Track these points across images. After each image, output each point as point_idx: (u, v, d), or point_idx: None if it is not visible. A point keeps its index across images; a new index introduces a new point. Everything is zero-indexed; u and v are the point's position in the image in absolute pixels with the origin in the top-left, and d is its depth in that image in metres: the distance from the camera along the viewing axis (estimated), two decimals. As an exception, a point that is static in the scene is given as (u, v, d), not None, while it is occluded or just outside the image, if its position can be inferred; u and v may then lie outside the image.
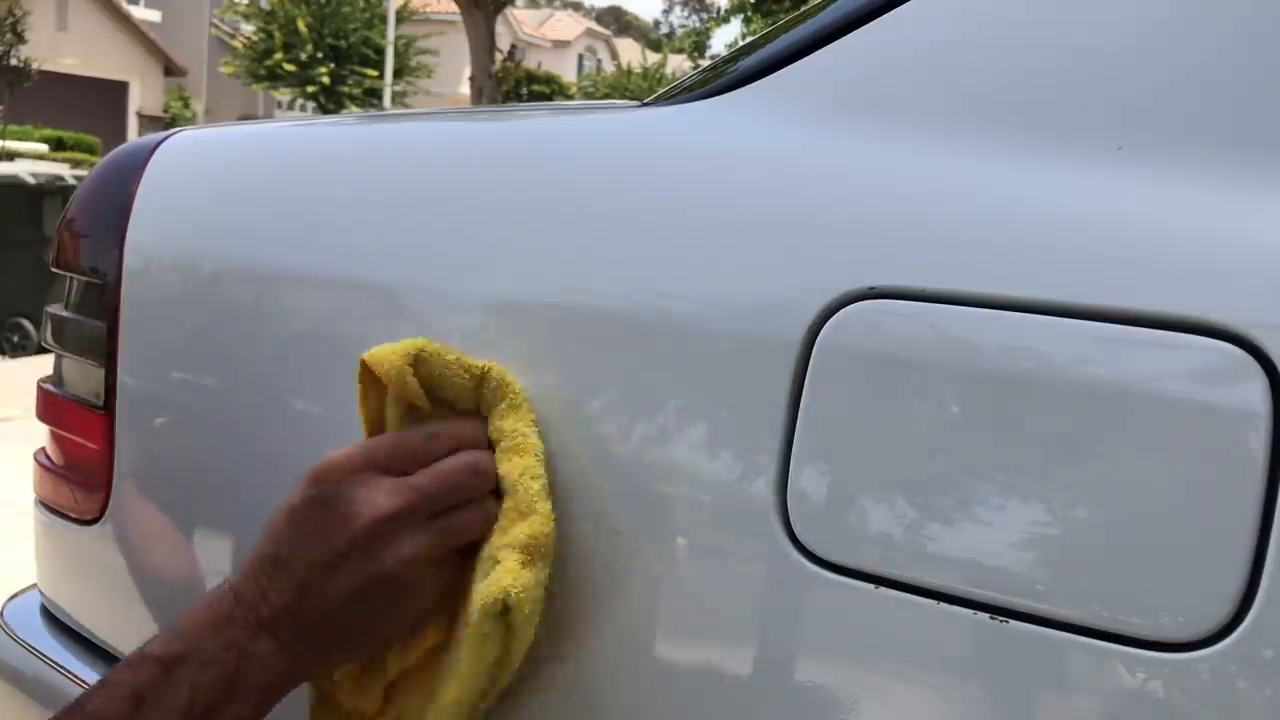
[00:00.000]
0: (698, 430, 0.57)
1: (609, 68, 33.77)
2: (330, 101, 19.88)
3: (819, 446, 0.53)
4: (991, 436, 0.49)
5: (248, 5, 20.81)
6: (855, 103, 0.61)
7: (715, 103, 0.65)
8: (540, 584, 0.57)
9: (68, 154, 14.50)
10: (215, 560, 0.79)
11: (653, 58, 29.68)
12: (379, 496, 0.57)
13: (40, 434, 0.93)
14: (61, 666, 0.87)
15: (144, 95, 22.30)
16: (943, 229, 0.53)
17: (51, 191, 7.60)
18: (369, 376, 0.62)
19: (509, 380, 0.61)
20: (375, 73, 19.74)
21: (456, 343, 0.65)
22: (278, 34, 19.73)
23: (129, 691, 0.54)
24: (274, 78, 19.96)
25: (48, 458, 0.92)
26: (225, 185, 0.83)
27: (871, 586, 0.51)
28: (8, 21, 14.34)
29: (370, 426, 0.64)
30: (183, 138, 0.86)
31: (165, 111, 22.24)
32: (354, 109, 19.32)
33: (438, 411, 0.62)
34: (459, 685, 0.58)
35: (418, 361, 0.60)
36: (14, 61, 14.25)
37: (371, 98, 20.02)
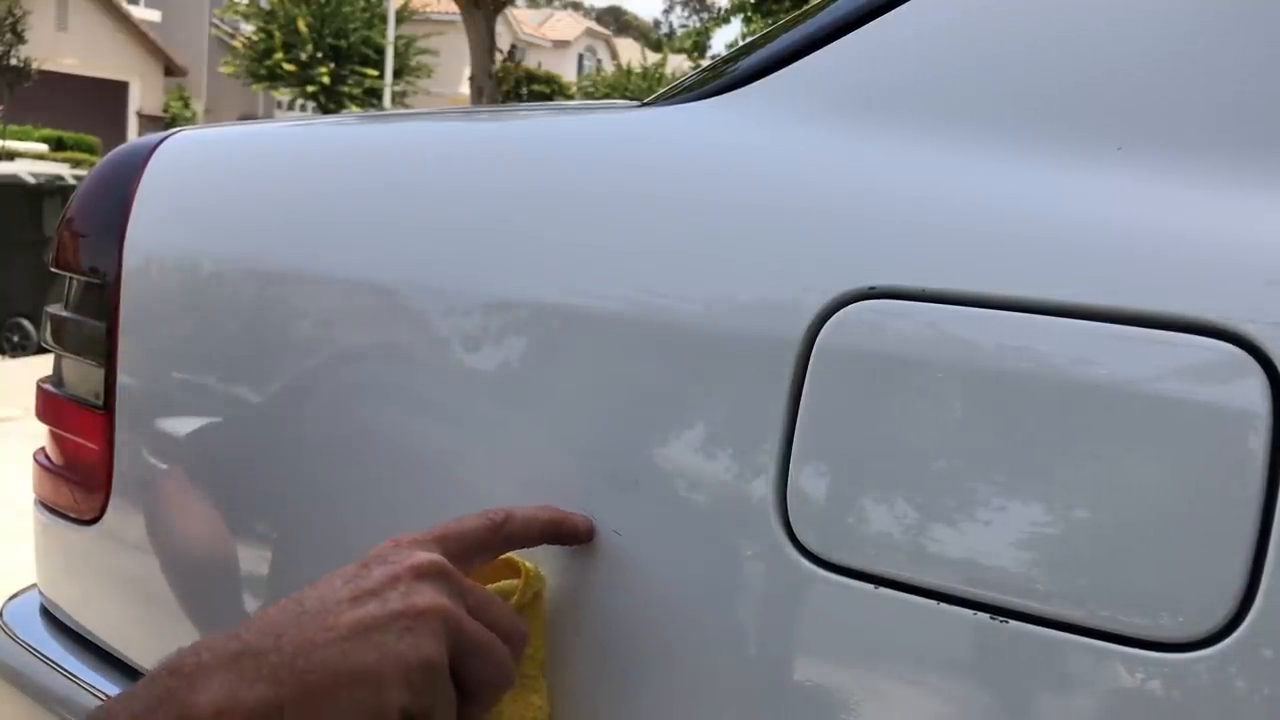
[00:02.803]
0: (698, 430, 0.57)
1: (609, 68, 33.76)
2: (330, 101, 19.88)
3: (819, 446, 0.53)
4: (991, 436, 0.49)
5: (248, 5, 20.81)
6: (855, 103, 0.61)
7: (715, 103, 0.65)
8: None
9: (68, 154, 14.50)
10: (215, 560, 0.79)
11: (653, 58, 29.68)
12: (427, 556, 0.53)
13: (40, 434, 0.93)
14: (61, 667, 0.87)
15: (144, 95, 22.30)
16: (942, 229, 0.53)
17: (51, 191, 7.59)
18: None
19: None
20: (375, 73, 19.74)
21: (456, 343, 0.65)
22: (278, 34, 19.73)
23: None
24: (274, 78, 19.96)
25: (47, 458, 0.92)
26: (225, 185, 0.83)
27: (871, 586, 0.51)
28: (8, 21, 14.34)
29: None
30: (183, 138, 0.86)
31: (165, 111, 22.24)
32: (354, 109, 19.31)
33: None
34: None
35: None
36: (14, 61, 14.25)
37: (371, 98, 20.02)
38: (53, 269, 0.90)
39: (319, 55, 19.79)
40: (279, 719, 0.45)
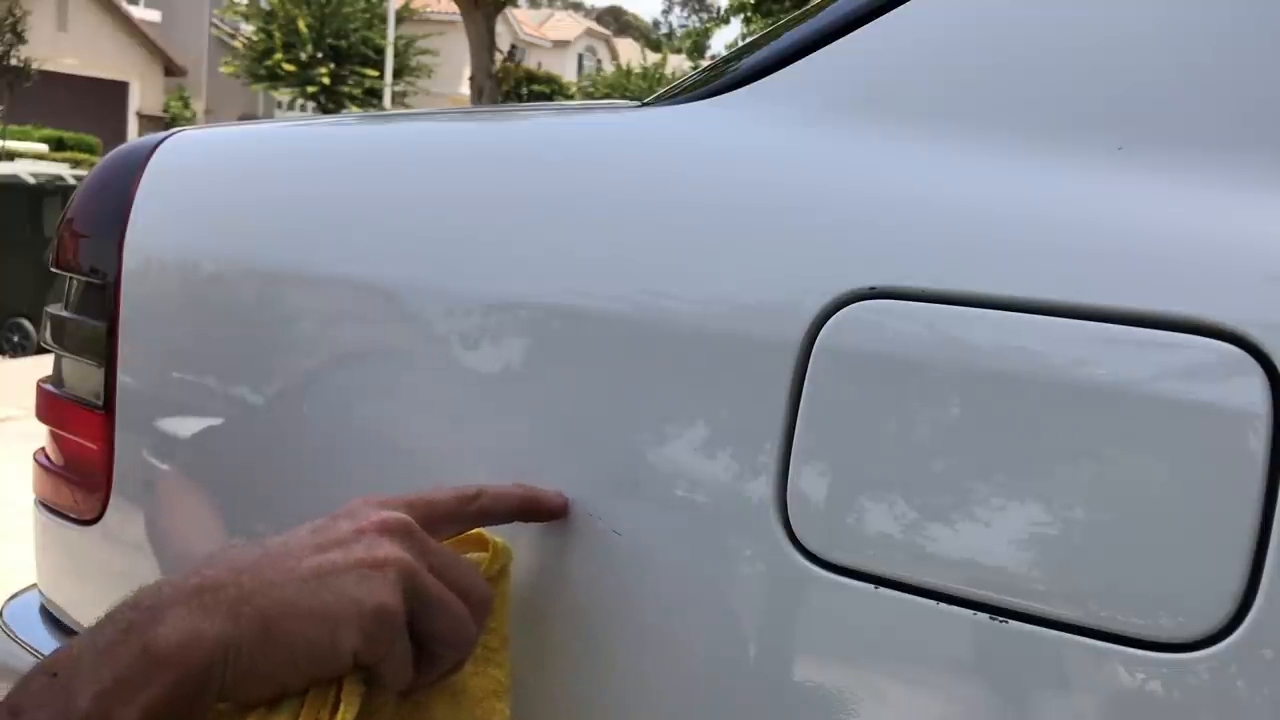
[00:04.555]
0: (698, 430, 0.57)
1: (609, 68, 33.77)
2: (330, 101, 19.88)
3: (819, 447, 0.53)
4: (991, 437, 0.49)
5: (248, 5, 20.82)
6: (855, 103, 0.61)
7: (715, 103, 0.65)
8: None
9: (68, 154, 14.49)
10: (215, 560, 0.79)
11: (653, 58, 29.69)
12: (394, 515, 0.53)
13: (40, 434, 0.93)
14: (61, 666, 0.87)
15: (144, 95, 22.29)
16: (943, 229, 0.53)
17: (51, 191, 7.59)
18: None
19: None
20: (375, 73, 19.75)
21: (456, 343, 0.65)
22: (278, 34, 19.73)
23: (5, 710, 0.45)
24: (274, 78, 19.96)
25: (47, 458, 0.92)
26: (225, 185, 0.83)
27: (871, 587, 0.51)
28: (8, 21, 14.33)
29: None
30: (183, 138, 0.86)
31: (165, 111, 22.23)
32: (354, 109, 19.32)
33: None
34: None
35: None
36: (14, 61, 14.24)
37: (371, 98, 20.02)
38: (53, 269, 0.90)
39: (319, 55, 19.79)
40: (237, 653, 0.46)
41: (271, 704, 0.48)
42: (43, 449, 0.93)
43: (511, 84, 20.97)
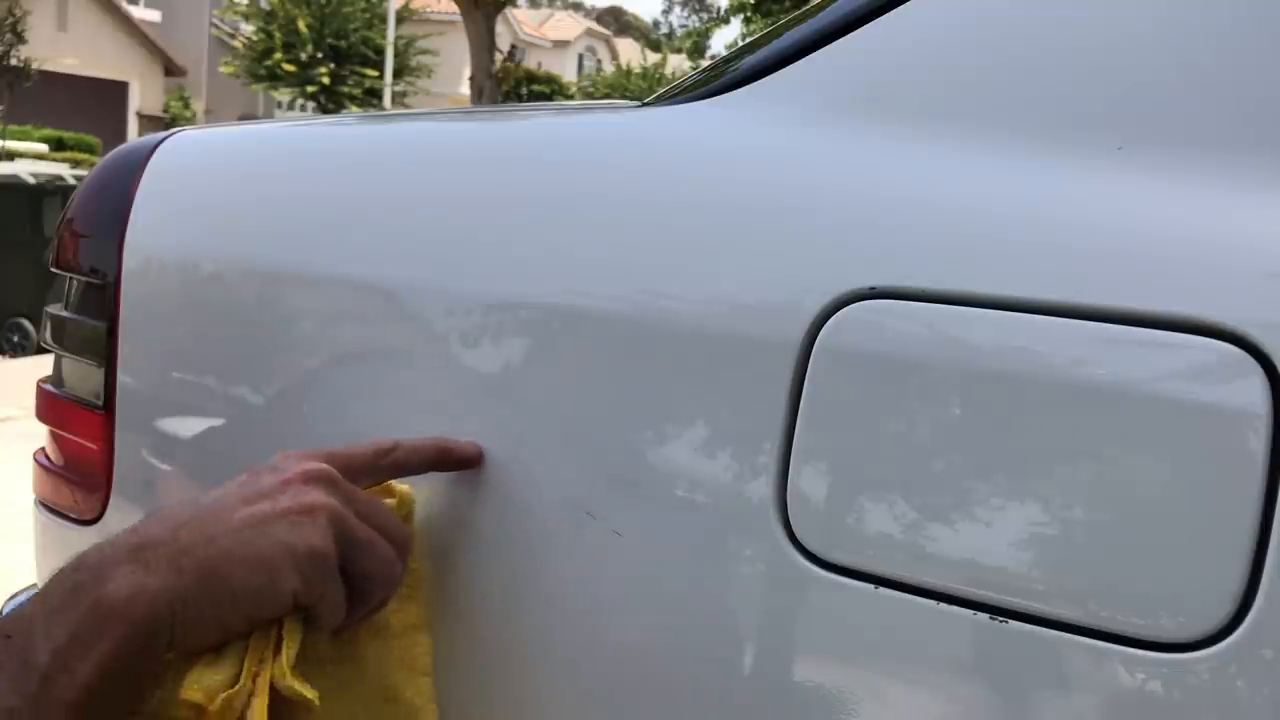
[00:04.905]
0: (698, 430, 0.57)
1: (609, 68, 33.77)
2: (330, 101, 19.88)
3: (819, 447, 0.53)
4: (991, 437, 0.49)
5: (248, 5, 20.82)
6: (855, 103, 0.61)
7: (715, 103, 0.65)
8: None
9: (68, 154, 14.49)
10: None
11: (653, 58, 29.69)
12: (317, 465, 0.56)
13: (40, 434, 0.93)
14: (61, 666, 0.87)
15: (144, 95, 22.29)
16: (943, 229, 0.53)
17: (51, 191, 7.59)
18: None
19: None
20: (375, 73, 19.75)
21: (456, 343, 0.65)
22: (278, 34, 19.73)
23: None
24: (274, 78, 19.96)
25: (48, 458, 0.92)
26: (225, 185, 0.83)
27: (871, 587, 0.51)
28: (8, 21, 14.32)
29: None
30: (183, 138, 0.86)
31: (165, 111, 22.23)
32: (354, 109, 19.32)
33: None
34: None
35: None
36: (14, 61, 14.24)
37: (371, 98, 20.03)
38: (53, 269, 0.90)
39: (319, 55, 19.80)
40: (183, 603, 0.49)
41: (218, 649, 0.52)
42: (43, 449, 0.93)
43: (511, 84, 20.97)
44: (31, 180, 7.62)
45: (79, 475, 0.86)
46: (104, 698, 0.46)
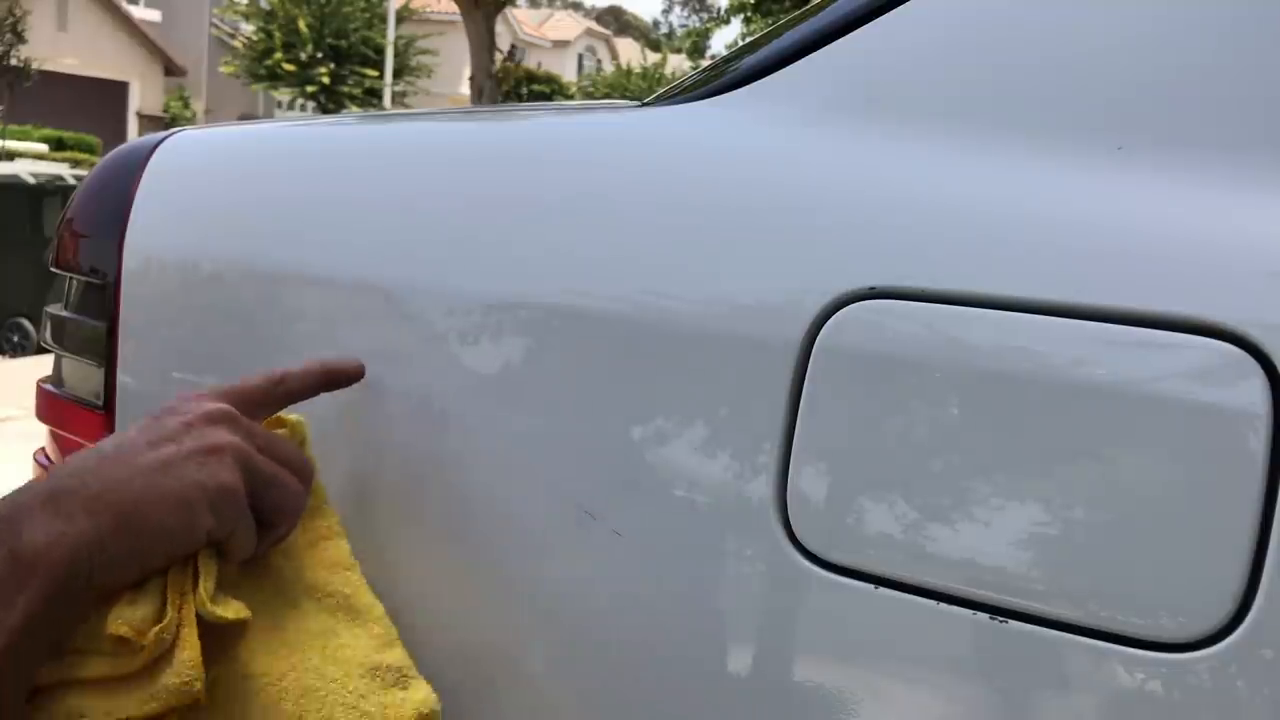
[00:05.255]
0: (698, 430, 0.57)
1: (609, 68, 33.77)
2: (330, 101, 19.89)
3: (819, 447, 0.53)
4: (991, 437, 0.49)
5: (248, 5, 20.82)
6: (855, 103, 0.61)
7: (715, 102, 0.65)
8: None
9: (68, 154, 14.49)
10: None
11: (653, 58, 29.69)
12: (216, 405, 0.58)
13: (40, 434, 0.93)
14: (61, 666, 0.87)
15: (144, 95, 22.29)
16: (943, 229, 0.53)
17: (51, 191, 7.59)
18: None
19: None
20: (375, 73, 19.75)
21: (456, 343, 0.65)
22: (278, 34, 19.74)
23: None
24: (274, 78, 19.97)
25: (48, 458, 0.92)
26: (225, 185, 0.83)
27: (871, 587, 0.51)
28: (8, 21, 14.33)
29: None
30: (183, 138, 0.86)
31: (165, 111, 22.23)
32: (354, 109, 19.32)
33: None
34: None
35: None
36: (14, 61, 14.24)
37: (371, 98, 20.03)
38: (53, 269, 0.90)
39: (319, 55, 19.80)
40: (100, 547, 0.49)
41: (136, 586, 0.53)
42: (43, 449, 0.93)
43: (511, 84, 20.97)
44: (31, 180, 7.62)
45: (79, 475, 0.86)
46: (30, 640, 0.48)
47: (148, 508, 0.52)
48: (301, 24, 19.56)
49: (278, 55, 19.62)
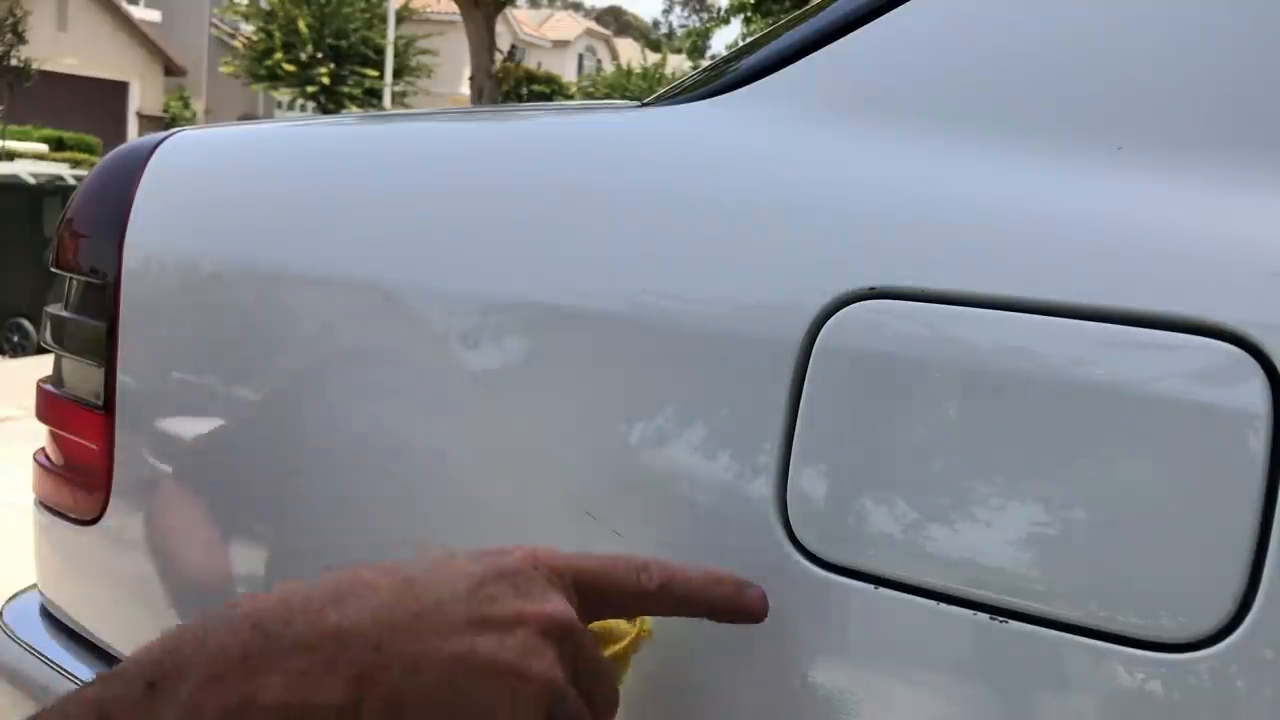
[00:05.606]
0: (698, 430, 0.57)
1: (609, 68, 33.77)
2: (330, 101, 19.89)
3: (819, 447, 0.53)
4: (991, 437, 0.49)
5: (248, 5, 20.83)
6: (855, 103, 0.61)
7: (715, 103, 0.65)
8: None
9: (68, 154, 14.49)
10: (215, 559, 0.79)
11: (653, 58, 29.70)
12: (562, 607, 0.47)
13: (40, 434, 0.93)
14: (61, 667, 0.87)
15: (144, 95, 22.29)
16: (943, 229, 0.53)
17: (51, 191, 7.59)
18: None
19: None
20: (375, 73, 19.76)
21: (456, 343, 0.65)
22: (278, 34, 19.74)
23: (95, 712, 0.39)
24: (274, 78, 19.97)
25: (47, 458, 0.92)
26: (225, 185, 0.83)
27: (871, 587, 0.51)
28: (8, 22, 14.32)
29: None
30: (183, 138, 0.86)
31: (165, 111, 22.23)
32: (354, 109, 19.32)
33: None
34: None
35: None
36: (14, 61, 14.24)
37: (371, 98, 20.03)
38: (53, 269, 0.90)
39: (319, 55, 19.81)
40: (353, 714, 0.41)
41: None
42: (43, 449, 0.93)
43: (511, 84, 20.96)
44: (31, 180, 7.62)
45: (79, 475, 0.86)
46: None
47: (420, 712, 0.42)
48: (301, 24, 19.56)
49: (278, 55, 19.62)
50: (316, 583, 0.44)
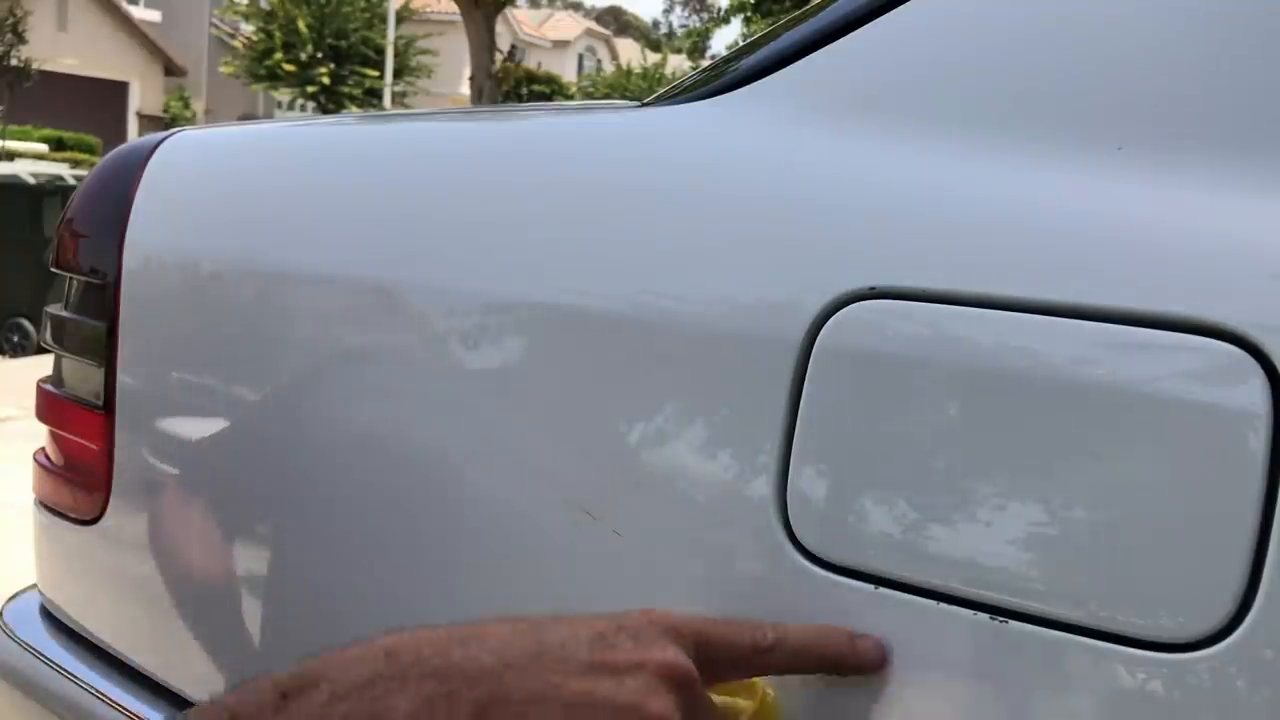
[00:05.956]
0: (698, 430, 0.57)
1: (609, 68, 33.78)
2: (330, 101, 19.89)
3: (819, 446, 0.53)
4: (991, 437, 0.49)
5: (248, 5, 20.83)
6: (855, 103, 0.61)
7: (715, 103, 0.65)
8: None
9: (68, 154, 14.49)
10: (215, 560, 0.79)
11: (653, 58, 29.70)
12: (681, 658, 0.47)
13: (40, 434, 0.93)
14: (61, 667, 0.87)
15: (144, 95, 22.29)
16: (943, 229, 0.53)
17: (51, 191, 7.58)
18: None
19: None
20: (375, 73, 19.76)
21: (456, 343, 0.65)
22: (278, 34, 19.74)
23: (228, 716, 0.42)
24: (274, 78, 19.97)
25: (47, 458, 0.92)
26: (225, 185, 0.83)
27: (871, 586, 0.51)
28: (8, 22, 14.32)
29: None
30: (183, 138, 0.86)
31: (165, 111, 22.23)
32: (354, 109, 19.32)
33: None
34: None
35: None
36: (14, 61, 14.23)
37: (371, 98, 20.03)
38: (53, 269, 0.90)
39: (319, 55, 19.80)
40: None
41: None
42: (43, 449, 0.93)
43: (511, 84, 20.96)
44: (31, 180, 7.62)
45: (79, 475, 0.86)
46: None
47: None
48: (301, 24, 19.56)
49: (278, 55, 19.62)
50: (448, 626, 0.46)
